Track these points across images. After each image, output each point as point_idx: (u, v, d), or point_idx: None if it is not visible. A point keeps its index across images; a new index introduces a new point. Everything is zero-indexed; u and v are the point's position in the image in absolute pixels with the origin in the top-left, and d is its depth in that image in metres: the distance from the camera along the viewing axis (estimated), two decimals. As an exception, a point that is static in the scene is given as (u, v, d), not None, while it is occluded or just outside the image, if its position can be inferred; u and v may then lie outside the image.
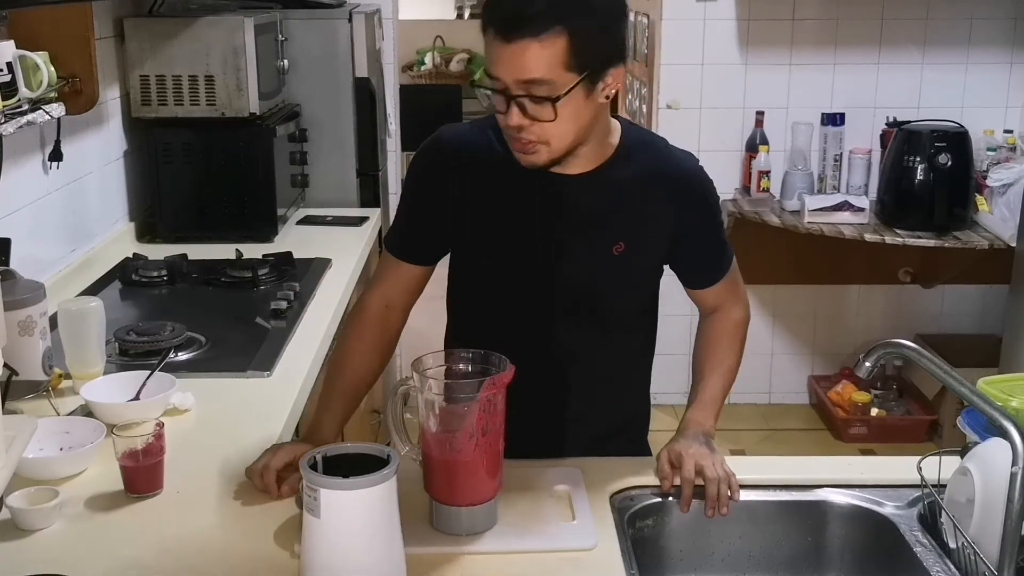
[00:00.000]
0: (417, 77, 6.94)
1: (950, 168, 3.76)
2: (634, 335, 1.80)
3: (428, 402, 1.40)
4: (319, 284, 2.67)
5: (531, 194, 1.65)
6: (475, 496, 1.43)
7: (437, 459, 1.42)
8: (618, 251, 1.66)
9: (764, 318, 4.43)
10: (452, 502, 1.43)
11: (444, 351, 1.46)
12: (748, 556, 1.64)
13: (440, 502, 1.44)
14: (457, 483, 1.42)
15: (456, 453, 1.40)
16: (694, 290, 1.81)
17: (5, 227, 2.29)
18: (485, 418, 1.39)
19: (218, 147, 3.08)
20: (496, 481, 1.45)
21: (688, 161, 1.73)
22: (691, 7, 4.08)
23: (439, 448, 1.41)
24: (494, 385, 1.38)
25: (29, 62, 2.24)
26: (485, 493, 1.44)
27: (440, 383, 1.40)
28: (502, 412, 1.42)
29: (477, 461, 1.41)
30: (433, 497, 1.45)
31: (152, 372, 1.88)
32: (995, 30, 4.11)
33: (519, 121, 1.52)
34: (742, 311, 1.85)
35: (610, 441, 1.79)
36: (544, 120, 1.51)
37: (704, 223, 1.75)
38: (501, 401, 1.41)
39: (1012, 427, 1.32)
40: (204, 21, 2.99)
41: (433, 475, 1.44)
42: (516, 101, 1.51)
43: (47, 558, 1.39)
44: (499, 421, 1.42)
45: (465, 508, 1.43)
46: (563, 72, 1.48)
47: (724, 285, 1.81)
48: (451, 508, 1.43)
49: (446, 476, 1.42)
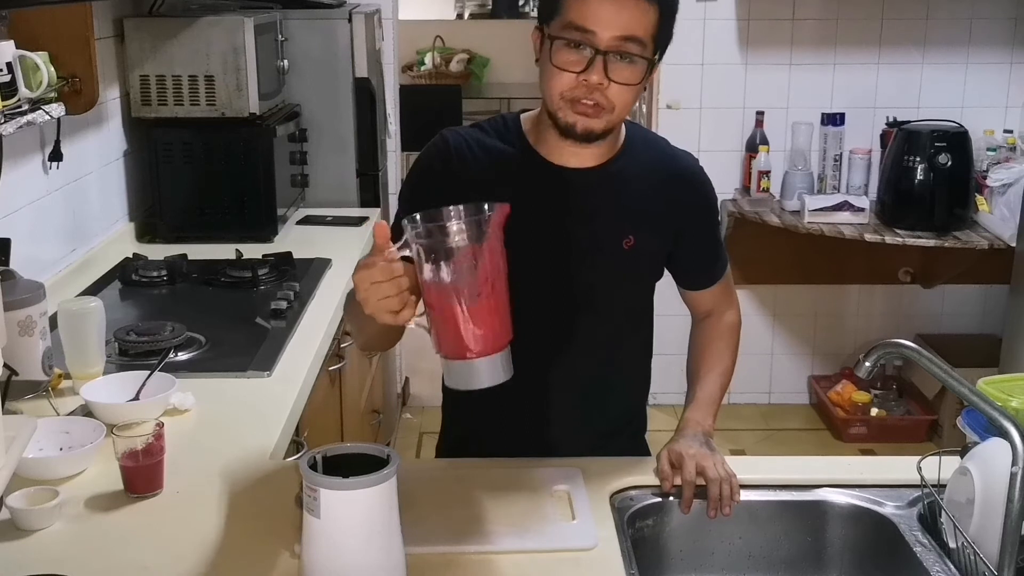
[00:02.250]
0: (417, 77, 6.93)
1: (950, 168, 3.76)
2: (636, 333, 1.80)
3: (435, 251, 1.32)
4: (319, 284, 2.67)
5: (539, 190, 1.64)
6: (487, 345, 1.35)
7: (446, 314, 1.34)
8: (628, 245, 1.66)
9: (764, 318, 4.43)
10: (468, 355, 1.35)
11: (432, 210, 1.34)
12: (748, 556, 1.64)
13: (452, 359, 1.36)
14: (475, 332, 1.34)
15: (465, 303, 1.33)
16: (690, 291, 1.82)
17: (5, 227, 2.29)
18: (495, 257, 1.34)
19: (218, 147, 3.08)
20: (506, 331, 1.38)
21: (689, 160, 1.74)
22: (691, 7, 4.08)
23: (449, 300, 1.33)
24: (498, 219, 1.33)
25: (29, 62, 2.24)
26: (499, 341, 1.37)
27: (456, 224, 1.31)
28: (503, 255, 1.36)
29: (486, 309, 1.34)
30: (445, 356, 1.37)
31: (152, 372, 1.88)
32: (995, 30, 4.11)
33: (602, 78, 1.51)
34: (735, 315, 1.85)
35: (610, 441, 1.79)
36: (627, 83, 1.53)
37: (703, 223, 1.76)
38: (501, 242, 1.35)
39: (1012, 427, 1.32)
40: (204, 21, 2.99)
41: (442, 332, 1.36)
42: (606, 57, 1.51)
43: (47, 558, 1.39)
44: (502, 264, 1.36)
45: (473, 361, 1.35)
46: (651, 41, 1.53)
47: (719, 288, 1.82)
48: (462, 363, 1.36)
49: (454, 330, 1.34)
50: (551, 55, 1.54)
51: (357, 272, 1.38)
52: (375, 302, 1.35)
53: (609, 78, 1.51)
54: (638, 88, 1.56)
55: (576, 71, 1.52)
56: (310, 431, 2.08)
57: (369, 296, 1.35)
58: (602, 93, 1.53)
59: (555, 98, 1.56)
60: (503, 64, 7.03)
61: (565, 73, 1.53)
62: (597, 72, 1.51)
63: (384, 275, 1.34)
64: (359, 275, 1.36)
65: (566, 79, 1.53)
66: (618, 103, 1.54)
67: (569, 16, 1.51)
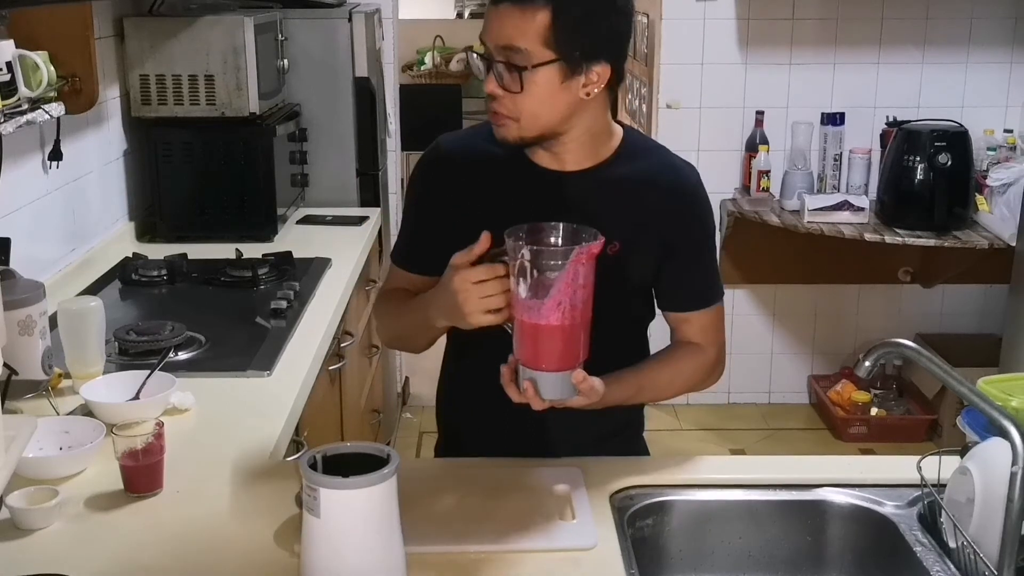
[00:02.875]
0: (417, 77, 6.93)
1: (950, 168, 3.76)
2: (631, 337, 1.80)
3: (521, 268, 1.41)
4: (319, 284, 2.67)
5: (525, 192, 1.65)
6: (556, 363, 1.45)
7: (531, 325, 1.43)
8: (612, 251, 1.65)
9: (764, 318, 4.43)
10: (535, 367, 1.45)
11: (534, 224, 1.45)
12: (748, 556, 1.64)
13: (525, 366, 1.46)
14: (541, 349, 1.44)
15: (541, 320, 1.41)
16: (673, 313, 1.75)
17: (5, 227, 2.28)
18: (572, 288, 1.40)
19: (218, 147, 3.08)
20: (581, 352, 1.46)
21: (688, 172, 1.72)
22: (691, 7, 4.09)
23: (534, 314, 1.42)
24: (583, 255, 1.40)
25: (29, 62, 2.24)
26: (568, 362, 1.45)
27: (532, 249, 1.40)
28: (591, 286, 1.43)
29: (561, 329, 1.42)
30: (521, 362, 1.47)
31: (152, 372, 1.88)
32: (995, 30, 4.11)
33: (493, 88, 1.56)
34: (715, 355, 1.75)
35: (609, 441, 1.78)
36: (512, 91, 1.54)
37: (694, 238, 1.72)
38: (590, 274, 1.42)
39: (1012, 427, 1.32)
40: (204, 21, 2.99)
41: (521, 340, 1.45)
42: (493, 66, 1.55)
43: (47, 558, 1.39)
44: (586, 295, 1.42)
45: (548, 374, 1.45)
46: (540, 47, 1.52)
47: (706, 319, 1.73)
48: (537, 373, 1.45)
49: (532, 342, 1.44)
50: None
51: (457, 272, 1.49)
52: (476, 300, 1.47)
53: (503, 86, 1.55)
54: (544, 96, 1.55)
55: (482, 79, 1.59)
56: (310, 431, 2.08)
57: (470, 294, 1.47)
58: (500, 102, 1.57)
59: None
60: (503, 64, 7.02)
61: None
62: (489, 82, 1.57)
63: (489, 274, 1.46)
64: (461, 275, 1.48)
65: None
66: (521, 112, 1.56)
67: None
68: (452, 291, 1.49)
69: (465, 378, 1.79)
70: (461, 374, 1.81)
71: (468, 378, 1.77)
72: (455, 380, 1.84)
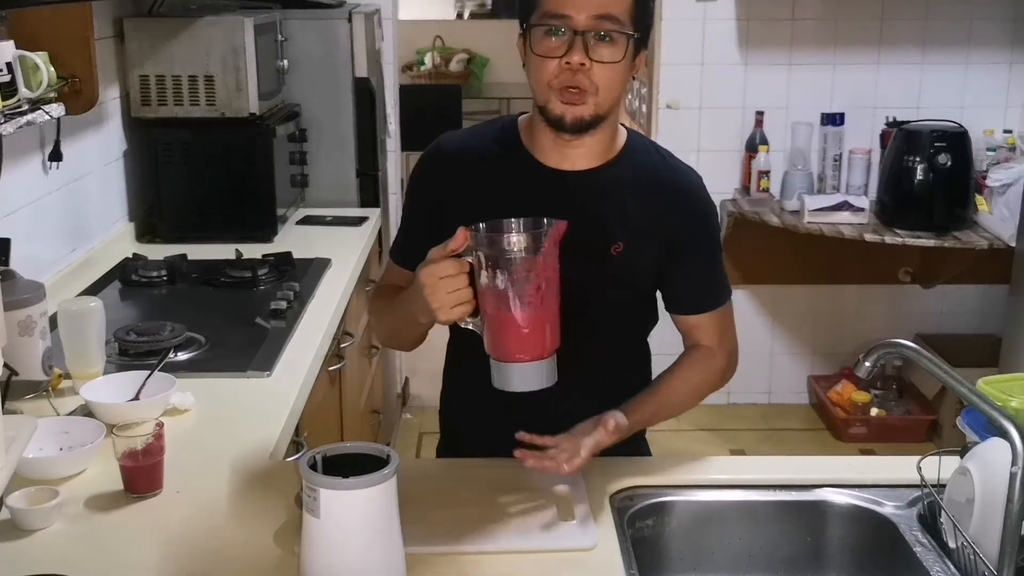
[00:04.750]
0: (417, 77, 6.94)
1: (950, 168, 3.76)
2: (633, 337, 1.80)
3: (481, 260, 1.43)
4: (319, 284, 2.67)
5: (528, 191, 1.65)
6: (529, 352, 1.46)
7: (500, 318, 1.44)
8: (616, 251, 1.65)
9: (764, 318, 4.43)
10: (509, 359, 1.46)
11: (494, 221, 1.47)
12: (748, 556, 1.64)
13: (499, 361, 1.47)
14: (511, 340, 1.45)
15: (509, 310, 1.43)
16: (680, 316, 1.74)
17: (5, 227, 2.29)
18: (536, 275, 1.42)
19: (218, 147, 3.08)
20: (552, 341, 1.47)
21: (690, 176, 1.71)
22: (691, 7, 4.09)
23: (502, 306, 1.43)
24: (542, 240, 1.42)
25: (29, 62, 2.24)
26: (540, 351, 1.46)
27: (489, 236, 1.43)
28: (555, 272, 1.45)
29: (528, 319, 1.44)
30: (495, 358, 1.48)
31: (152, 372, 1.88)
32: (995, 30, 4.11)
33: (583, 58, 1.52)
34: (725, 360, 1.74)
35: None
36: (609, 61, 1.53)
37: (699, 241, 1.71)
38: (553, 260, 1.44)
39: (1012, 427, 1.32)
40: (204, 21, 2.99)
41: (491, 334, 1.47)
42: (584, 37, 1.52)
43: (47, 558, 1.39)
44: (551, 281, 1.44)
45: (522, 364, 1.46)
46: (629, 20, 1.54)
47: (713, 321, 1.73)
48: (511, 366, 1.46)
49: (501, 334, 1.45)
50: (533, 46, 1.57)
51: (426, 267, 1.47)
52: (443, 295, 1.46)
53: (590, 58, 1.53)
54: (622, 69, 1.56)
55: (558, 56, 1.54)
56: (310, 431, 2.08)
57: (438, 289, 1.46)
58: (585, 75, 1.54)
59: (543, 88, 1.57)
60: (503, 64, 7.04)
61: (548, 60, 1.55)
62: (578, 52, 1.53)
63: (455, 269, 1.45)
64: (428, 268, 1.46)
65: (550, 66, 1.55)
66: (602, 84, 1.55)
67: (545, 7, 1.55)
68: (420, 285, 1.48)
69: (465, 379, 1.79)
70: (461, 375, 1.81)
71: (468, 379, 1.77)
72: (455, 381, 1.84)
